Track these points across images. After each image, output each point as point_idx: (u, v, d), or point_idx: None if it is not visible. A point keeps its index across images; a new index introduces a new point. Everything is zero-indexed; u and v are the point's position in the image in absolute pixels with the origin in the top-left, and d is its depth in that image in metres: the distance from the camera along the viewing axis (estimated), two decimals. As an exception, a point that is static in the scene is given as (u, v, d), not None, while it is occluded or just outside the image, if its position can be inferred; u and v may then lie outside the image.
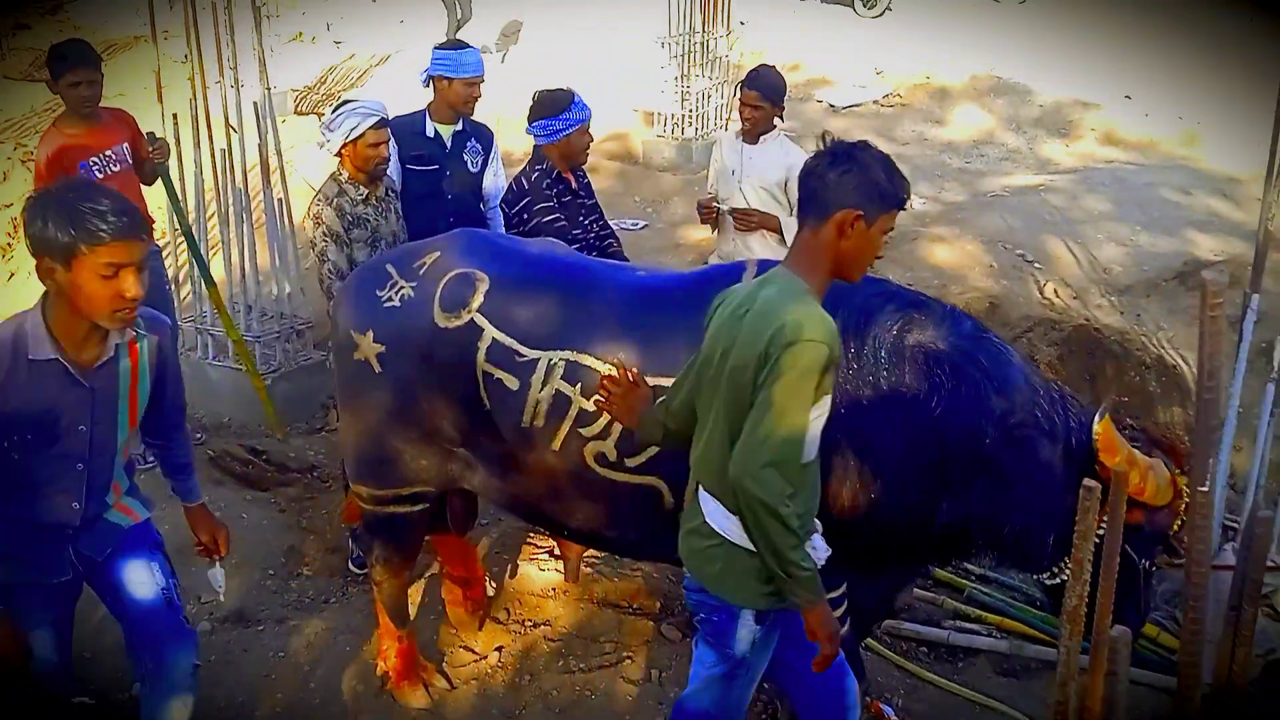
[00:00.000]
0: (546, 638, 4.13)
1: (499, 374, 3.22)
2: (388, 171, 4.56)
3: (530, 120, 4.38)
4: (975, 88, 11.54)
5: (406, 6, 17.13)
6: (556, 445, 3.20)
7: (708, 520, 2.60)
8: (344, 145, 4.34)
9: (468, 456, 3.43)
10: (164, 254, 5.74)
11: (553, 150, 4.39)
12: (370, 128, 4.30)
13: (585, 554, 4.44)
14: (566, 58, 13.36)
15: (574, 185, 4.52)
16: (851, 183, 2.48)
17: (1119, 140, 10.24)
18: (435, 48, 4.78)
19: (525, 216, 4.35)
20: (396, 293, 3.34)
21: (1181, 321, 6.55)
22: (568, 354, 3.18)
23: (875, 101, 11.37)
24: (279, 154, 5.93)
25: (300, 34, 13.78)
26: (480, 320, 3.24)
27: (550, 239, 3.85)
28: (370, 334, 3.34)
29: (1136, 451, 3.06)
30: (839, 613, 3.13)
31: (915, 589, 4.61)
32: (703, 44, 9.28)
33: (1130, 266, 7.00)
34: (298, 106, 11.45)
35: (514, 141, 8.05)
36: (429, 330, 3.28)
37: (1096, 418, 2.92)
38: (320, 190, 4.49)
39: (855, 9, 15.60)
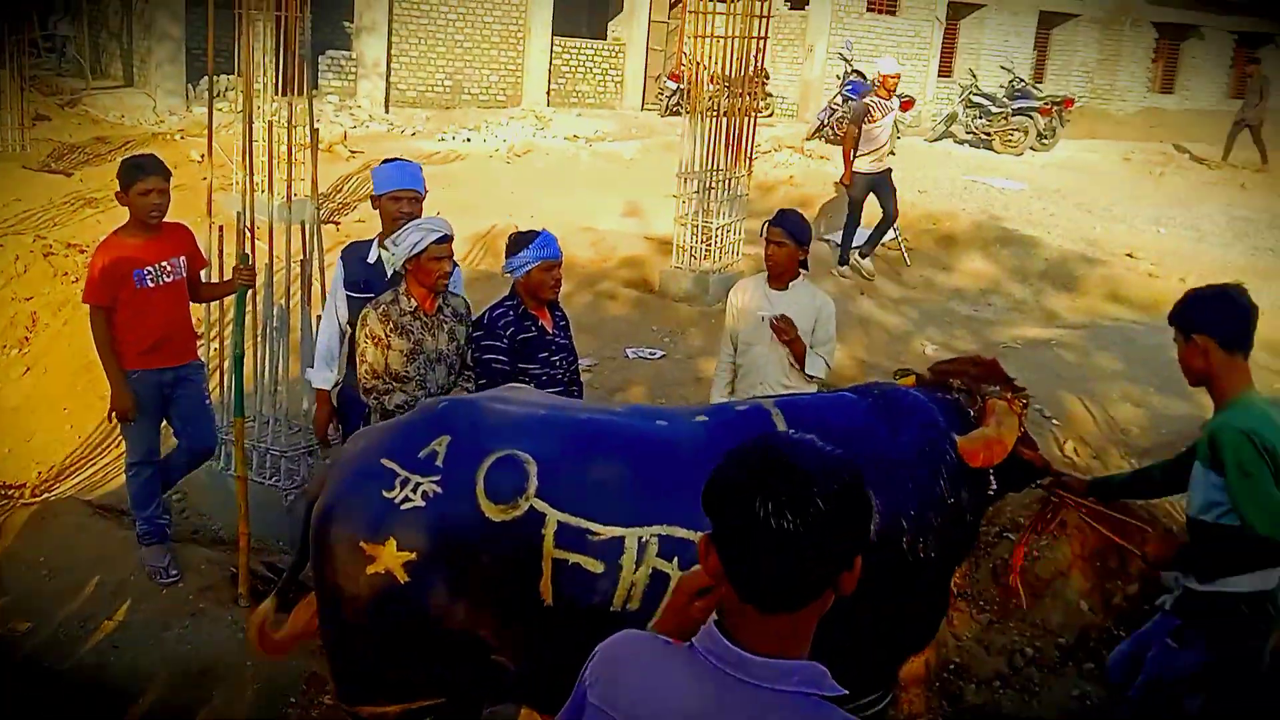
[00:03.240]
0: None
1: (575, 558, 2.96)
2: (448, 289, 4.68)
3: (504, 259, 4.63)
4: (981, 236, 11.78)
5: (419, 119, 17.47)
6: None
7: None
8: (407, 261, 4.48)
9: (502, 662, 3.14)
10: (208, 371, 5.69)
11: (519, 286, 4.57)
12: (433, 242, 4.46)
13: None
14: (586, 175, 13.63)
15: (546, 324, 4.63)
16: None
17: (1124, 298, 10.43)
18: (375, 169, 4.95)
19: (474, 350, 4.55)
20: (414, 490, 2.98)
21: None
22: (660, 529, 3.00)
23: (884, 244, 11.56)
24: (322, 271, 5.94)
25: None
26: (541, 505, 2.97)
27: (517, 385, 3.80)
28: (392, 542, 2.94)
29: (979, 432, 3.48)
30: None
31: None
32: (724, 180, 9.44)
33: (1148, 428, 7.05)
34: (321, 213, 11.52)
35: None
36: (476, 524, 2.95)
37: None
38: (378, 298, 4.62)
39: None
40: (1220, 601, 3.45)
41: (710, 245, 9.45)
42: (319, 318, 5.96)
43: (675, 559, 3.00)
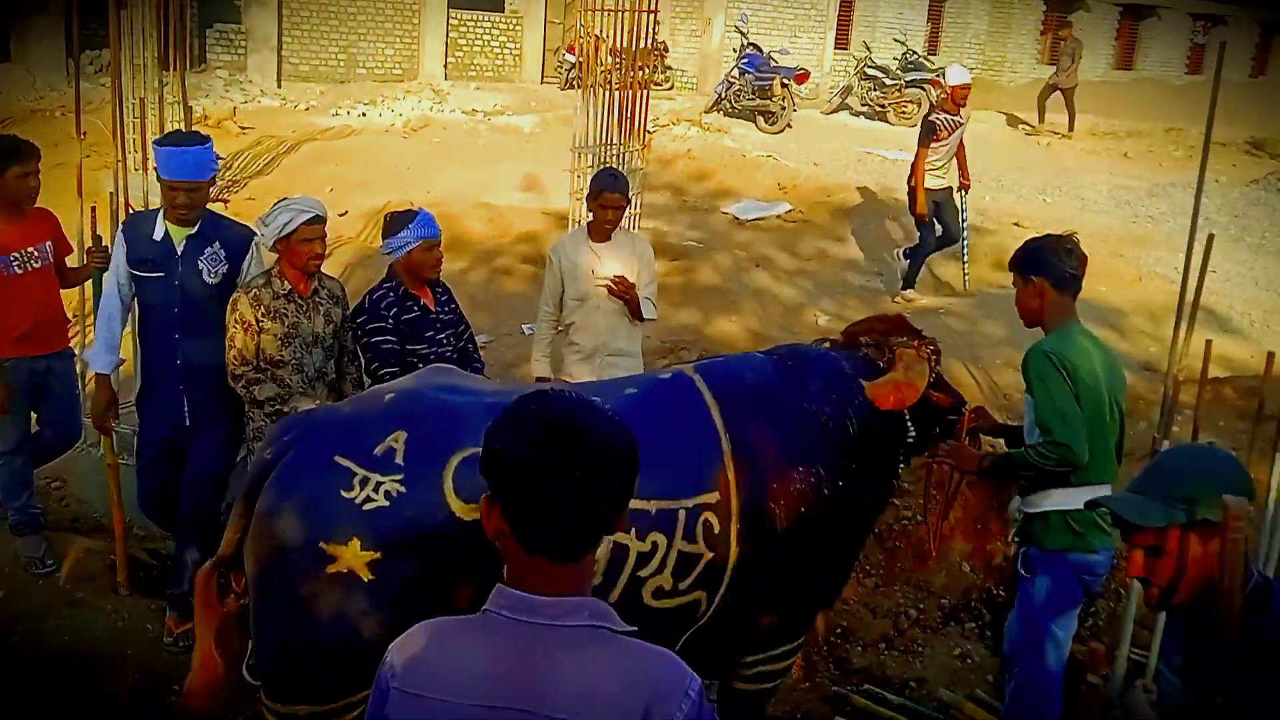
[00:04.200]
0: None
1: None
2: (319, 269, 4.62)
3: (381, 240, 4.63)
4: (873, 207, 11.96)
5: (312, 94, 17.12)
6: (615, 596, 3.11)
7: None
8: (278, 241, 4.43)
9: None
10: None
11: (399, 267, 4.58)
12: (304, 223, 4.41)
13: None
14: (484, 150, 13.51)
15: (429, 302, 4.65)
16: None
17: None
18: (154, 141, 4.73)
19: (359, 334, 4.56)
20: (375, 490, 2.93)
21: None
22: None
23: (778, 216, 11.69)
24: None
25: (205, 117, 13.59)
26: None
27: (443, 367, 3.73)
28: (355, 543, 2.89)
29: (887, 376, 3.69)
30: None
31: (836, 718, 4.63)
32: (618, 155, 9.42)
33: (1028, 393, 7.25)
34: (202, 192, 11.25)
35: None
36: (448, 524, 2.94)
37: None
38: (249, 280, 4.55)
39: (757, 124, 16.11)
40: (1038, 519, 3.79)
41: (605, 218, 9.42)
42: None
43: (632, 529, 3.12)
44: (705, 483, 3.27)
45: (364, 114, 15.90)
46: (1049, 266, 3.82)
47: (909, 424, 3.79)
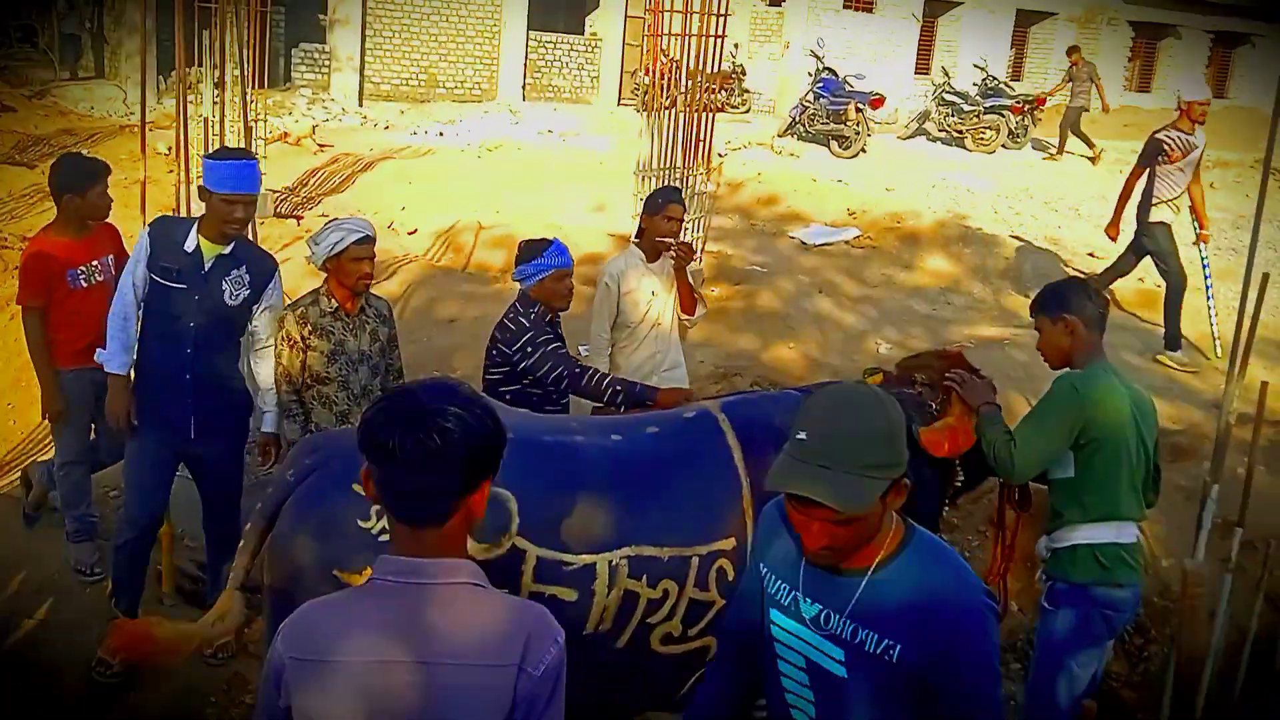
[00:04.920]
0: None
1: (551, 590, 3.02)
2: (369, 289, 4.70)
3: (515, 266, 4.61)
4: (943, 235, 11.82)
5: (393, 113, 17.45)
6: (623, 642, 3.11)
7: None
8: (327, 260, 4.50)
9: None
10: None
11: (533, 294, 4.59)
12: (354, 243, 4.49)
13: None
14: (558, 171, 13.62)
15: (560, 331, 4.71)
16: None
17: (1081, 298, 10.45)
18: (204, 156, 4.68)
19: (529, 350, 4.44)
20: None
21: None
22: (629, 550, 3.09)
23: (846, 242, 11.60)
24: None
25: (284, 135, 13.93)
26: (522, 543, 3.00)
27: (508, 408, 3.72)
28: (369, 572, 2.90)
29: (942, 422, 3.67)
30: None
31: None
32: (681, 178, 9.44)
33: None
34: (277, 208, 11.52)
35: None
36: None
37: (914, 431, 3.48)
38: (298, 299, 4.65)
39: (830, 148, 16.04)
40: (1065, 553, 3.79)
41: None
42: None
43: (644, 576, 3.09)
44: (722, 529, 3.20)
45: (441, 133, 16.16)
46: (1078, 306, 3.82)
47: (957, 467, 3.73)
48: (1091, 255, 11.60)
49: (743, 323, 9.03)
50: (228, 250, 4.49)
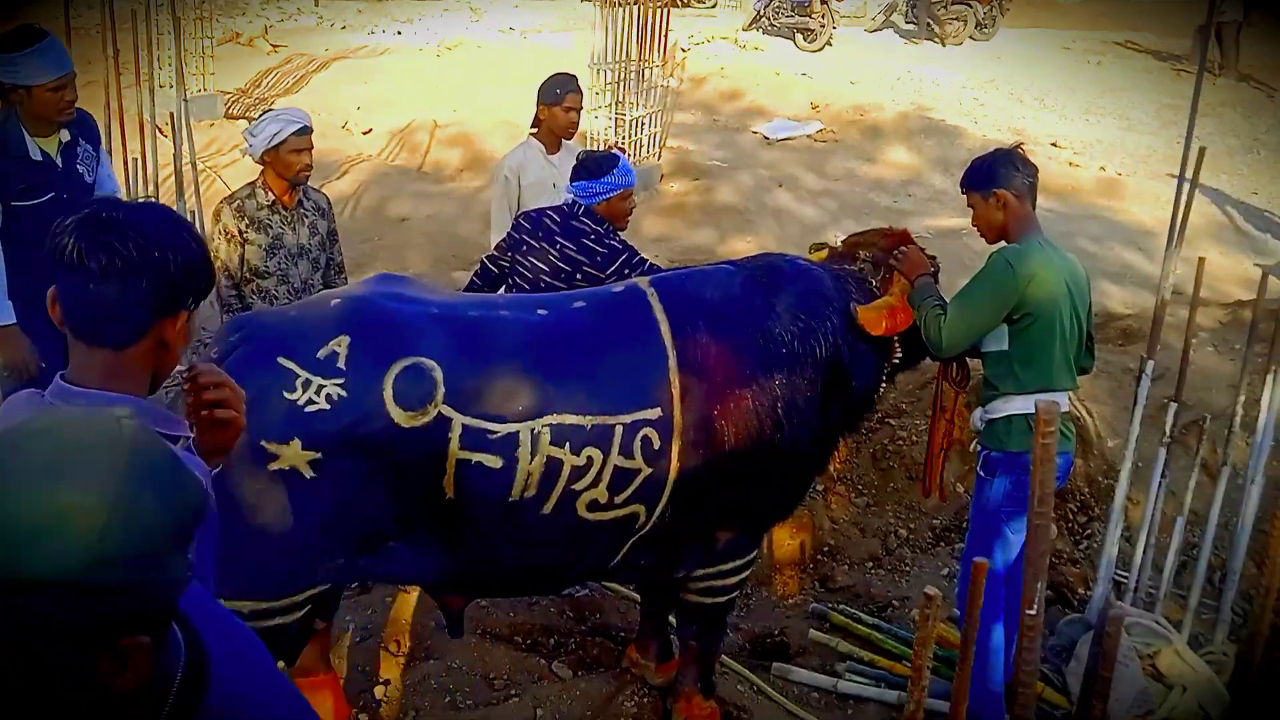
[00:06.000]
0: (435, 673, 4.08)
1: (478, 457, 3.07)
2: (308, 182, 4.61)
3: (572, 180, 4.32)
4: (906, 127, 11.70)
5: (350, 12, 17.05)
6: (549, 508, 3.16)
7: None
8: (266, 152, 4.42)
9: (395, 546, 3.20)
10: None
11: (602, 212, 4.29)
12: (293, 134, 4.41)
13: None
14: (517, 69, 13.36)
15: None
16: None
17: (1041, 186, 10.39)
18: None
19: (626, 273, 4.17)
20: (317, 393, 2.96)
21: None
22: (551, 419, 3.12)
23: (809, 136, 11.48)
24: (194, 165, 5.82)
25: (236, 35, 13.60)
26: (448, 411, 3.03)
27: (392, 275, 3.63)
28: (296, 442, 2.92)
29: (881, 300, 3.68)
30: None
31: (811, 631, 4.64)
32: (638, 72, 9.28)
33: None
34: (229, 110, 11.29)
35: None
36: (386, 430, 2.99)
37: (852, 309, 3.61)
38: (234, 192, 4.56)
39: (795, 42, 15.79)
40: (1000, 423, 3.83)
41: (627, 137, 9.33)
42: (193, 211, 5.88)
43: (566, 444, 3.12)
44: (646, 398, 3.23)
45: (400, 32, 15.81)
46: (1007, 178, 3.78)
47: (896, 344, 3.72)
48: (1054, 145, 11.55)
49: (700, 217, 8.97)
50: (66, 136, 4.22)
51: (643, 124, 9.51)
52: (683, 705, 3.89)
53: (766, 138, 11.42)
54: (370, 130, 11.00)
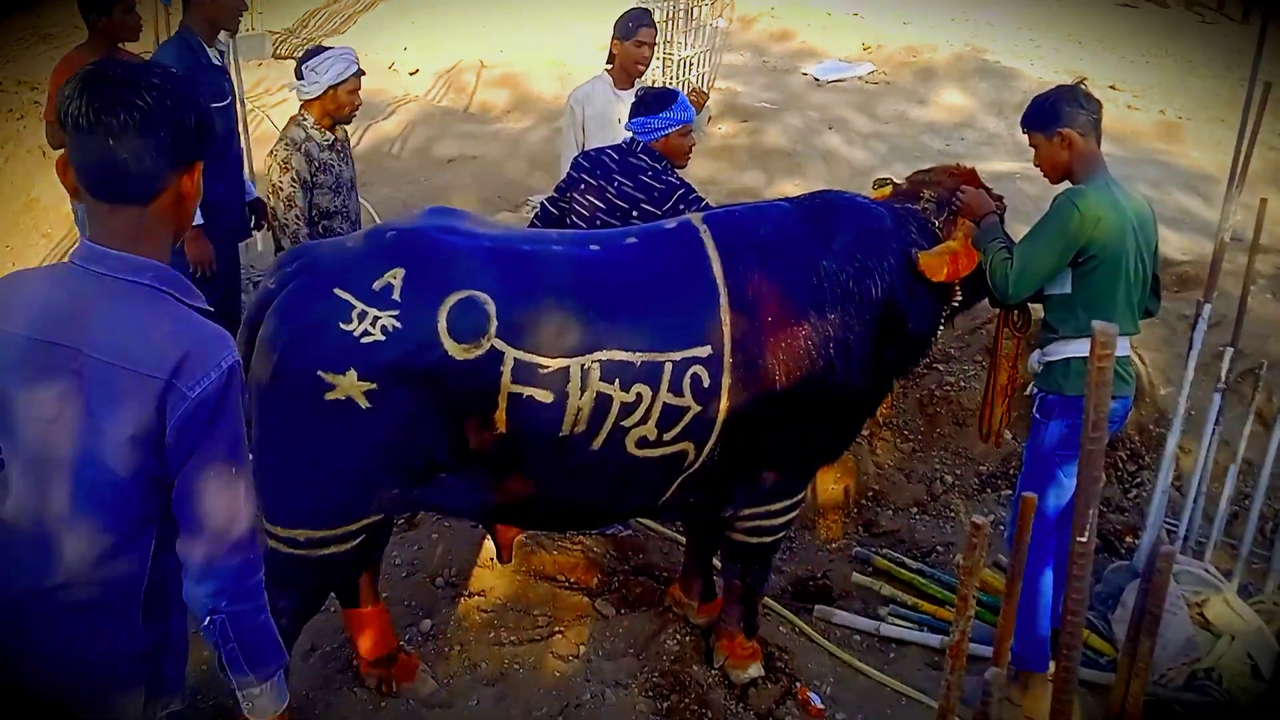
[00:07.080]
0: (480, 608, 4.13)
1: (529, 391, 3.09)
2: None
3: (630, 117, 4.27)
4: (960, 69, 11.47)
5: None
6: (598, 444, 3.18)
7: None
8: (325, 91, 4.42)
9: (448, 478, 3.24)
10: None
11: (660, 149, 4.24)
12: (353, 74, 4.46)
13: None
14: (553, 8, 13.24)
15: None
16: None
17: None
18: None
19: (681, 209, 4.07)
20: (373, 324, 2.99)
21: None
22: (601, 355, 3.13)
23: (860, 78, 11.28)
24: (242, 104, 5.82)
25: (285, -26, 13.53)
26: (500, 345, 3.05)
27: (444, 208, 3.63)
28: (353, 373, 2.96)
29: (943, 245, 3.58)
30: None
31: (854, 575, 4.63)
32: (686, 10, 9.16)
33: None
34: (277, 50, 11.29)
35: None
36: (441, 362, 3.02)
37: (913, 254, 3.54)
38: (285, 135, 4.54)
39: (848, -19, 15.47)
40: (1059, 365, 3.77)
41: (676, 78, 9.22)
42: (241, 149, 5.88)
43: (616, 381, 3.13)
44: (696, 336, 3.22)
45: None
46: (1072, 116, 3.68)
47: (956, 288, 3.65)
48: (1113, 88, 11.27)
49: (748, 160, 8.87)
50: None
51: (691, 64, 9.39)
52: (725, 644, 3.92)
53: (816, 79, 11.24)
54: (417, 71, 10.96)
